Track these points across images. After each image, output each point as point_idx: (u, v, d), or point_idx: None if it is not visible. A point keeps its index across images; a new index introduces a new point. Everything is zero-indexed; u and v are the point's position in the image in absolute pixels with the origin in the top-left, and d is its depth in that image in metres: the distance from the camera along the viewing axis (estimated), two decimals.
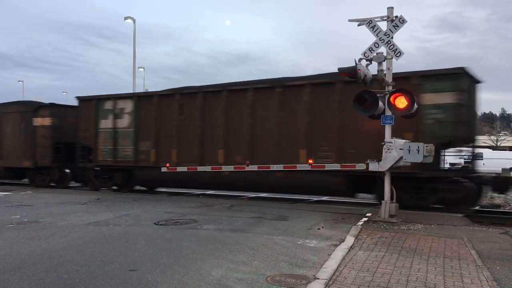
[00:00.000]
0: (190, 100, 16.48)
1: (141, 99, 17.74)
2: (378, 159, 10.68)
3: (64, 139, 19.77)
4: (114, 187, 18.80)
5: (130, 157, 17.58)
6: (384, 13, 10.82)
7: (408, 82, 12.36)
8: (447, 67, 12.42)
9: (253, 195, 17.29)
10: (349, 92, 12.69)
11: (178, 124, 16.56)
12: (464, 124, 12.29)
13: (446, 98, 12.17)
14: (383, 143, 10.66)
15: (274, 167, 13.25)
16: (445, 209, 12.68)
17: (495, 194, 14.12)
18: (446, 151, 13.91)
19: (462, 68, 12.31)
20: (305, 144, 14.09)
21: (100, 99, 18.58)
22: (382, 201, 10.82)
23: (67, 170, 20.32)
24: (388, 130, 10.70)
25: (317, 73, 14.38)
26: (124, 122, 17.84)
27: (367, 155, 12.03)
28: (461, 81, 12.22)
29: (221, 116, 15.68)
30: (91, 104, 18.67)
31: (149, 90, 22.44)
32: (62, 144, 19.78)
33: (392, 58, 10.67)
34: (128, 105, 17.78)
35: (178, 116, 16.58)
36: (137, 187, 19.13)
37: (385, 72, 10.56)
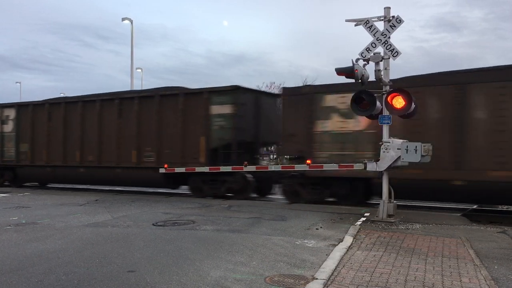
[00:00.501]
0: (56, 109, 19.41)
1: (21, 107, 20.56)
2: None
3: None
4: (6, 183, 21.39)
5: (13, 157, 20.68)
6: (381, 13, 10.84)
7: (201, 96, 15.94)
8: (227, 85, 15.89)
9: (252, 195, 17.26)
10: (164, 103, 16.68)
11: (48, 129, 19.51)
12: (240, 130, 15.44)
13: (226, 109, 15.48)
14: (381, 143, 10.67)
15: (273, 168, 13.46)
16: (232, 197, 15.83)
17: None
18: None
19: (237, 86, 15.75)
20: (135, 146, 17.18)
21: None
22: (380, 201, 10.83)
23: None
24: (385, 130, 10.71)
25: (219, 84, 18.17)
26: (9, 127, 20.89)
27: (177, 154, 16.19)
28: (237, 96, 15.47)
29: (78, 123, 18.70)
30: None
31: None
32: None
33: (389, 58, 10.69)
34: (11, 113, 20.73)
35: (47, 123, 19.54)
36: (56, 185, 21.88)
37: (382, 72, 10.57)
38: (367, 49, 10.64)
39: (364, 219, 11.05)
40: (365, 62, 10.42)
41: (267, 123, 16.58)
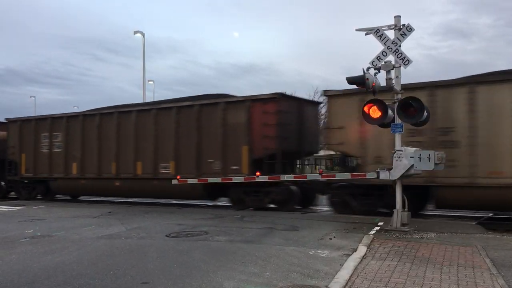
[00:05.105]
0: None
1: None
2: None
3: None
4: None
5: None
6: (387, 22, 10.84)
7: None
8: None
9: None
10: None
11: None
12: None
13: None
14: (393, 151, 10.61)
15: (285, 177, 13.42)
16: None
17: None
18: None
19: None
20: None
21: None
22: (394, 210, 10.73)
23: None
24: (398, 139, 10.66)
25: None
26: None
27: None
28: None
29: None
30: None
31: None
32: None
33: (400, 66, 10.66)
34: None
35: None
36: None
37: (393, 81, 10.54)
38: (378, 58, 10.63)
39: (377, 228, 10.96)
40: (376, 71, 10.41)
41: None
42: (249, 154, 15.23)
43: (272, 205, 15.72)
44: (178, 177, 14.79)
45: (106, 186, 18.66)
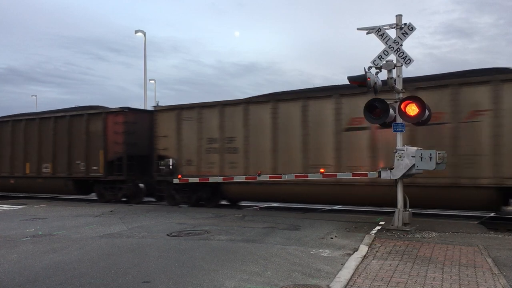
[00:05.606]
0: None
1: None
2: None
3: None
4: None
5: None
6: (388, 22, 10.82)
7: None
8: None
9: (265, 205, 17.28)
10: None
11: None
12: None
13: None
14: (395, 150, 10.60)
15: (286, 177, 13.40)
16: None
17: None
18: None
19: None
20: None
21: None
22: (396, 209, 10.72)
23: None
24: (399, 138, 10.64)
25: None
26: None
27: None
28: None
29: None
30: None
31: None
32: None
33: (402, 65, 10.65)
34: None
35: None
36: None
37: (395, 80, 10.53)
38: (379, 57, 10.60)
39: (379, 227, 10.95)
40: (378, 70, 10.38)
41: None
42: (104, 157, 18.27)
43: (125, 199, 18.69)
44: (180, 176, 15.64)
45: (4, 183, 22.00)
